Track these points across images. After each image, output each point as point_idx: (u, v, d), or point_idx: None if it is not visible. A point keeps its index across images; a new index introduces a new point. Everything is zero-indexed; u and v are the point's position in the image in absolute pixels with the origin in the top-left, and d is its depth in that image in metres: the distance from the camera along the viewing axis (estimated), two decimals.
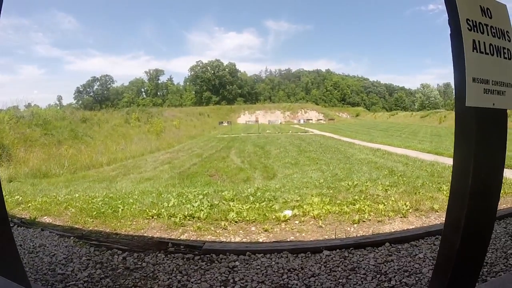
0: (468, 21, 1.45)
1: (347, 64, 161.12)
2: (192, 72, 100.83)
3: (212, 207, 5.61)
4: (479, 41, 1.47)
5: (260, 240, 4.48)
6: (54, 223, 5.33)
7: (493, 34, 1.51)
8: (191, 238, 4.55)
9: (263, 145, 17.66)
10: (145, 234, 4.73)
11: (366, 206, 5.53)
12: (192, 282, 3.28)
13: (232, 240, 4.49)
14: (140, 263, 3.73)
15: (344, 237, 4.50)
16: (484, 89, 1.48)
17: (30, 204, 6.27)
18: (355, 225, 4.93)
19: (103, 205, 5.97)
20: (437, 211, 5.39)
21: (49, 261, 3.77)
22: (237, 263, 3.69)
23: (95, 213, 5.53)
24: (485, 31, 1.49)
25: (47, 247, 4.19)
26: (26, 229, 4.93)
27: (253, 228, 4.85)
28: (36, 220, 5.40)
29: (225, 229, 4.83)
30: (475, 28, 1.46)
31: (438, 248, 3.00)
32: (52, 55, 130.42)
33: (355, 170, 9.33)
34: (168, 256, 3.90)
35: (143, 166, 12.78)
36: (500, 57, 1.52)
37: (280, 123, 59.38)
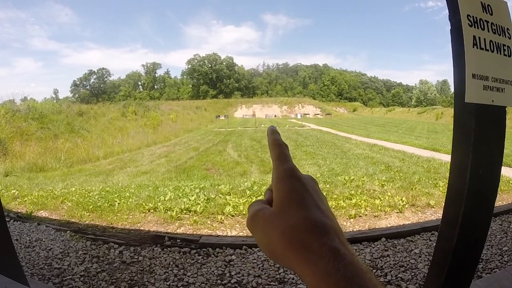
0: (469, 17, 1.44)
1: (345, 59, 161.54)
2: (189, 65, 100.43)
3: (209, 201, 5.61)
4: (479, 38, 1.46)
5: None
6: (51, 217, 5.31)
7: (494, 31, 1.50)
8: (188, 232, 4.56)
9: (260, 139, 17.65)
10: (142, 228, 4.73)
11: (362, 201, 5.55)
12: (188, 276, 3.29)
13: (229, 234, 4.50)
14: (136, 257, 3.73)
15: None
16: (484, 85, 1.47)
17: (26, 198, 6.25)
18: (352, 219, 4.95)
19: (99, 199, 5.96)
20: (433, 207, 5.42)
21: (46, 256, 3.76)
22: (233, 257, 3.70)
23: (91, 207, 5.52)
24: (485, 28, 1.47)
25: (44, 241, 4.18)
26: (23, 223, 4.91)
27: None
28: (33, 214, 5.38)
29: (221, 223, 4.84)
30: (475, 24, 1.45)
31: (434, 243, 3.01)
32: (49, 48, 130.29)
33: (352, 165, 9.35)
34: (164, 250, 3.90)
35: (139, 159, 12.75)
36: (500, 54, 1.51)
37: (275, 116, 59.32)
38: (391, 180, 7.17)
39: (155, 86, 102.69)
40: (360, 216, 5.08)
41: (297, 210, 0.36)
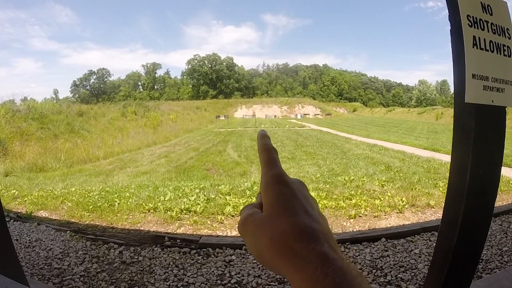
0: (469, 17, 1.44)
1: (345, 59, 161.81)
2: (189, 66, 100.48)
3: (209, 201, 5.61)
4: (479, 38, 1.46)
5: None
6: (51, 217, 5.31)
7: (494, 31, 1.50)
8: (188, 232, 4.56)
9: None
10: (142, 228, 4.73)
11: (362, 201, 5.55)
12: (188, 276, 3.29)
13: (229, 234, 4.50)
14: (136, 257, 3.73)
15: (341, 232, 4.52)
16: (484, 85, 1.47)
17: (26, 198, 6.25)
18: (352, 220, 4.95)
19: (99, 199, 5.96)
20: (433, 207, 5.42)
21: (46, 256, 3.76)
22: (233, 257, 3.70)
23: (91, 207, 5.52)
24: (485, 28, 1.47)
25: (44, 241, 4.18)
26: (22, 223, 4.91)
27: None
28: (32, 214, 5.38)
29: (221, 223, 4.84)
30: (475, 25, 1.45)
31: (433, 244, 3.02)
32: (49, 49, 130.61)
33: (352, 165, 9.35)
34: (164, 250, 3.90)
35: (139, 159, 12.74)
36: (500, 54, 1.51)
37: (275, 116, 59.33)
38: (391, 180, 7.17)
39: (155, 87, 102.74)
40: (360, 216, 5.08)
41: (285, 216, 0.36)
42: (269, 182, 0.40)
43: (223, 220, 4.89)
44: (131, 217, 5.13)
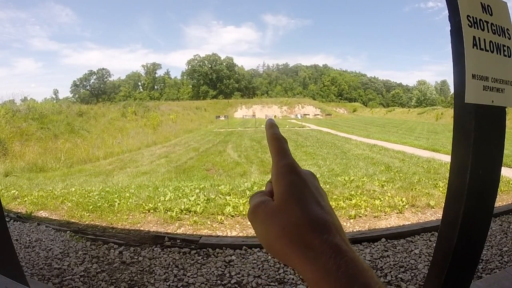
0: (469, 18, 1.44)
1: (345, 59, 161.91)
2: (189, 66, 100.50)
3: (209, 201, 5.61)
4: (479, 38, 1.46)
5: None
6: (51, 217, 5.31)
7: (494, 31, 1.50)
8: (188, 232, 4.56)
9: (259, 139, 17.63)
10: (142, 228, 4.73)
11: (362, 202, 5.55)
12: (188, 276, 3.29)
13: (229, 234, 4.50)
14: (136, 257, 3.73)
15: None
16: (484, 86, 1.47)
17: (26, 199, 6.25)
18: (352, 220, 4.95)
19: (99, 199, 5.95)
20: (433, 208, 5.42)
21: (46, 256, 3.76)
22: (233, 257, 3.70)
23: (91, 207, 5.51)
24: (485, 28, 1.47)
25: (43, 241, 4.18)
26: (22, 223, 4.91)
27: (249, 223, 4.85)
28: (32, 214, 5.38)
29: (221, 223, 4.84)
30: (475, 25, 1.45)
31: (433, 244, 3.02)
32: (49, 49, 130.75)
33: (352, 166, 9.35)
34: (164, 250, 3.90)
35: (139, 160, 12.74)
36: (500, 54, 1.51)
37: (275, 116, 59.25)
38: (391, 180, 7.16)
39: (155, 87, 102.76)
40: (360, 216, 5.08)
41: (297, 206, 0.36)
42: (281, 171, 0.39)
43: (223, 220, 4.89)
44: (131, 217, 5.13)
